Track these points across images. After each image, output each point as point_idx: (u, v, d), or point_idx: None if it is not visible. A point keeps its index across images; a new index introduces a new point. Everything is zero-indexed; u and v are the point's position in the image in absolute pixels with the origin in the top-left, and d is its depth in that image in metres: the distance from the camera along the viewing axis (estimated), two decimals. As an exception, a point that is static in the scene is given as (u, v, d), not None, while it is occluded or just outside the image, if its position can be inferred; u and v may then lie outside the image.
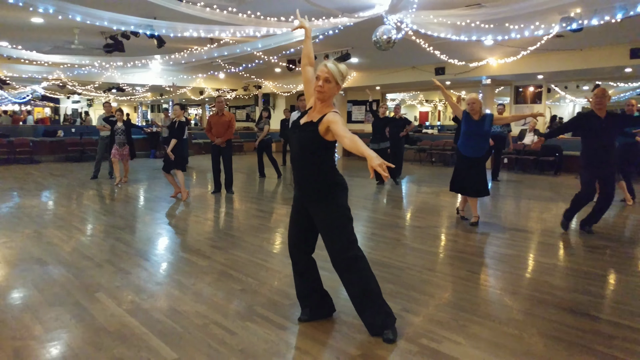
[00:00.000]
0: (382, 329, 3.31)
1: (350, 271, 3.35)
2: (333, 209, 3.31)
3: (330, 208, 3.31)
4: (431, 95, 27.93)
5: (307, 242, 3.52)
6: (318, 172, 3.30)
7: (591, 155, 6.12)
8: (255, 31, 8.21)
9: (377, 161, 2.69)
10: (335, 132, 3.11)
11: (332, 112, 3.21)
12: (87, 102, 31.59)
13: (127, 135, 10.98)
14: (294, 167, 3.42)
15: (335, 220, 3.30)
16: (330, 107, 3.28)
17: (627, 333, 3.43)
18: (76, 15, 6.95)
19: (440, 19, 7.77)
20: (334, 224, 3.31)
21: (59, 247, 5.65)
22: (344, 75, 3.28)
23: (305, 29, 3.66)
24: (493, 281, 4.64)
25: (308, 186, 3.34)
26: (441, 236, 6.52)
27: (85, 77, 16.90)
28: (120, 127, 10.89)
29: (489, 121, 6.71)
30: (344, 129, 3.09)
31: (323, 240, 3.39)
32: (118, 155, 10.86)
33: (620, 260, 5.31)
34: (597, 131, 6.00)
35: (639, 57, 11.30)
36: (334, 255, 3.35)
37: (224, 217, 7.84)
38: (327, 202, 3.31)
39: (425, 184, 11.75)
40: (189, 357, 3.05)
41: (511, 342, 3.28)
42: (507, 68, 13.69)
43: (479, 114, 6.71)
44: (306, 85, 3.54)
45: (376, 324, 3.34)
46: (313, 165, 3.30)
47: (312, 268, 3.59)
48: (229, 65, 14.85)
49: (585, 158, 6.22)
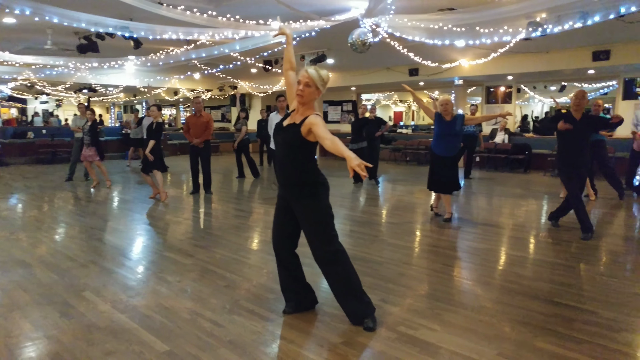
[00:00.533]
0: (363, 318, 3.51)
1: (332, 264, 3.54)
2: (316, 207, 3.51)
3: (313, 206, 3.51)
4: (405, 95, 28.30)
5: (290, 239, 3.70)
6: (302, 172, 3.50)
7: (564, 156, 6.27)
8: (233, 33, 8.34)
9: (356, 161, 2.88)
10: (316, 133, 3.30)
11: (313, 114, 3.40)
12: (56, 102, 30.99)
13: (91, 136, 10.70)
14: (278, 167, 3.61)
15: (318, 218, 3.51)
16: (311, 110, 3.48)
17: (586, 316, 3.71)
18: (53, 16, 6.97)
19: (414, 22, 8.02)
20: (317, 221, 3.51)
21: (41, 249, 5.71)
22: (324, 81, 3.48)
23: (287, 35, 3.85)
24: (466, 273, 4.89)
25: (292, 185, 3.52)
26: (416, 232, 6.77)
27: (56, 77, 16.67)
28: (86, 127, 10.75)
29: (460, 121, 6.99)
30: (324, 131, 3.28)
31: (305, 236, 3.57)
32: (82, 156, 10.76)
33: (583, 252, 5.62)
34: (573, 132, 6.07)
35: (601, 59, 11.80)
36: (316, 249, 3.54)
37: (204, 217, 7.95)
38: (310, 200, 3.50)
39: (400, 183, 12.04)
40: (180, 349, 3.20)
41: (483, 328, 3.52)
42: (478, 69, 14.10)
43: (451, 115, 6.98)
44: (288, 89, 3.72)
45: (357, 313, 3.54)
46: (297, 165, 3.50)
47: (296, 263, 3.77)
48: (206, 66, 14.89)
49: (560, 159, 6.39)
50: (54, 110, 31.58)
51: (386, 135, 16.25)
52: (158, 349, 3.20)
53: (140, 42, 9.91)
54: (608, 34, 10.50)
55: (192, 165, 9.82)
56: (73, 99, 26.50)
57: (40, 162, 16.40)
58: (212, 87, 22.39)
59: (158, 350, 3.19)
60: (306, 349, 3.21)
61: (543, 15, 7.85)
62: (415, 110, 31.02)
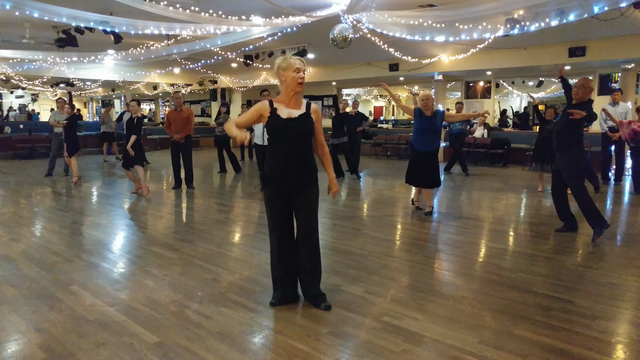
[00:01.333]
0: (324, 300, 3.79)
1: (311, 245, 3.76)
2: (317, 192, 3.75)
3: (315, 190, 3.74)
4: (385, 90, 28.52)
5: (292, 229, 3.86)
6: (312, 159, 3.72)
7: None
8: (215, 29, 8.34)
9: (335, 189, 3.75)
10: (318, 130, 3.71)
11: (310, 101, 3.70)
12: (32, 96, 30.43)
13: (65, 131, 10.59)
14: (289, 159, 3.59)
15: (316, 202, 3.75)
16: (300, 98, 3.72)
17: (562, 305, 3.86)
18: (33, 11, 6.89)
19: (394, 18, 8.13)
20: (315, 205, 3.74)
21: (25, 245, 5.68)
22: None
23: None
24: (447, 265, 5.02)
25: (305, 174, 3.66)
26: (398, 225, 6.89)
27: (33, 71, 16.40)
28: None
29: (440, 117, 7.13)
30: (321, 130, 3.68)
31: (304, 224, 3.72)
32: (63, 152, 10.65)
33: (560, 244, 5.79)
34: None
35: (577, 55, 12.08)
36: (307, 230, 3.74)
37: (187, 211, 7.96)
38: (315, 185, 3.73)
39: (381, 177, 12.18)
40: (169, 340, 3.26)
41: (464, 317, 3.64)
42: (457, 64, 14.29)
43: (431, 110, 7.10)
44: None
45: (321, 294, 3.82)
46: (310, 153, 3.70)
47: (296, 252, 3.86)
48: (186, 61, 14.81)
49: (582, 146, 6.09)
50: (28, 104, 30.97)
51: (367, 130, 16.37)
52: (148, 340, 3.25)
53: (121, 37, 9.83)
54: (584, 31, 10.74)
55: (173, 160, 9.80)
56: (49, 93, 26.08)
57: (18, 158, 16.15)
58: (192, 81, 22.23)
59: (148, 341, 3.24)
60: (294, 339, 3.29)
61: (521, 12, 8.03)
62: (395, 106, 31.26)
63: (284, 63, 3.61)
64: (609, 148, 10.56)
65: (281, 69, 3.62)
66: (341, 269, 4.76)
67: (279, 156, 3.62)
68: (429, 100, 7.09)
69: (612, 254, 5.41)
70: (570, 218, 6.24)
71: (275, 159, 3.63)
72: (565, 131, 5.91)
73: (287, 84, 3.61)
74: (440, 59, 14.30)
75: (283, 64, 3.61)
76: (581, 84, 5.88)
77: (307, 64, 4.06)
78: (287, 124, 3.59)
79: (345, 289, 4.20)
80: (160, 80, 21.18)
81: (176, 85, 21.91)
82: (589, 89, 5.91)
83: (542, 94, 23.04)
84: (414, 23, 8.15)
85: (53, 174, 11.52)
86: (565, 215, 6.26)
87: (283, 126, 3.59)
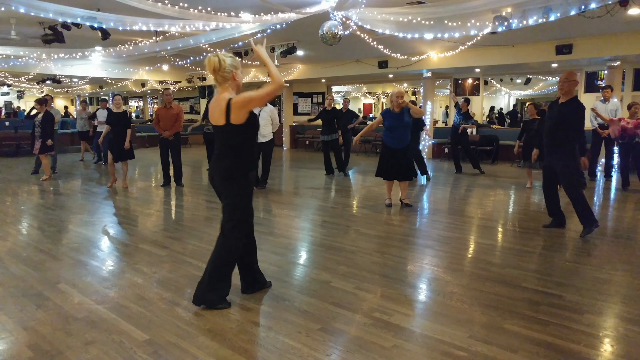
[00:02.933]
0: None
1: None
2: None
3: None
4: (374, 87, 28.53)
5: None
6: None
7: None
8: (204, 25, 8.29)
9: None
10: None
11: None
12: (17, 93, 30.05)
13: (42, 129, 10.34)
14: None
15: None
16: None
17: (551, 299, 3.90)
18: (20, 6, 6.80)
19: (384, 15, 8.13)
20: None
21: (11, 242, 5.62)
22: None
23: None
24: (437, 260, 5.04)
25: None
26: (388, 222, 6.90)
27: (19, 67, 16.19)
28: (38, 119, 10.43)
29: (407, 113, 7.28)
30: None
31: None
32: (34, 149, 10.47)
33: (548, 239, 5.84)
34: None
35: (564, 53, 12.16)
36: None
37: (176, 209, 7.92)
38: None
39: (370, 174, 12.13)
40: (159, 338, 3.24)
41: (454, 313, 3.66)
42: (446, 62, 14.33)
43: (400, 107, 7.24)
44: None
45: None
46: None
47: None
48: (175, 57, 14.71)
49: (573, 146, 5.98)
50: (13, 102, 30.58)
51: (357, 127, 16.37)
52: (138, 338, 3.23)
53: (109, 33, 9.72)
54: (570, 29, 10.82)
55: (162, 157, 9.74)
56: (36, 90, 25.77)
57: (3, 155, 15.95)
58: (180, 78, 22.11)
59: (138, 339, 3.22)
60: (285, 335, 3.29)
61: (508, 9, 8.06)
62: (384, 103, 31.31)
63: (236, 62, 3.64)
64: (598, 145, 10.65)
65: (235, 68, 3.62)
66: (331, 265, 4.76)
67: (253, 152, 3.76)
68: (399, 98, 7.23)
69: (600, 250, 5.46)
70: (559, 214, 6.29)
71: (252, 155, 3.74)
72: (558, 129, 5.90)
73: (238, 83, 3.67)
74: (429, 56, 14.34)
75: (235, 63, 3.63)
76: (565, 78, 5.89)
77: (297, 61, 4.12)
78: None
79: (335, 285, 4.20)
80: (149, 77, 21.03)
81: (165, 82, 21.77)
82: (573, 81, 5.89)
83: (530, 92, 23.20)
84: (403, 20, 8.16)
85: (39, 172, 11.38)
86: (555, 212, 6.31)
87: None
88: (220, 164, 3.66)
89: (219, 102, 3.56)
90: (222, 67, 3.54)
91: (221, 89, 3.61)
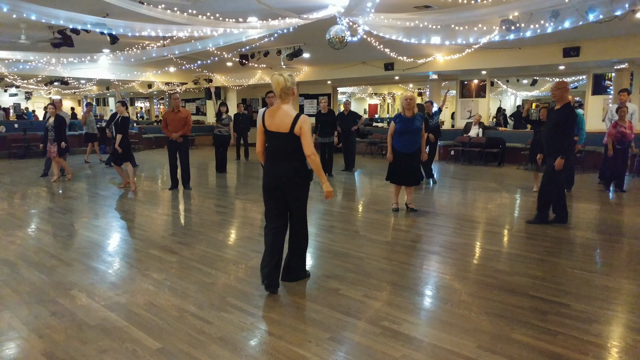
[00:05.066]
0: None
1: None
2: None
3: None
4: (380, 88, 28.52)
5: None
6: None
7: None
8: (212, 30, 8.35)
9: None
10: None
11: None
12: (25, 95, 30.23)
13: (56, 132, 10.56)
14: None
15: None
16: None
17: (559, 308, 3.92)
18: (31, 14, 6.87)
19: (390, 20, 8.15)
20: None
21: (24, 247, 5.69)
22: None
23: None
24: (444, 267, 5.07)
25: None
26: (395, 227, 6.93)
27: (28, 70, 16.33)
28: (51, 123, 10.60)
29: (419, 118, 7.26)
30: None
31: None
32: (49, 152, 10.70)
33: (556, 246, 5.86)
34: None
35: (571, 55, 12.16)
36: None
37: (185, 213, 7.98)
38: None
39: (376, 176, 12.20)
40: (172, 346, 3.29)
41: (461, 321, 3.69)
42: (452, 64, 14.36)
43: (412, 112, 7.22)
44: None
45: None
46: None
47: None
48: (183, 60, 14.79)
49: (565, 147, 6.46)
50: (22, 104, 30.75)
51: (362, 129, 16.42)
52: (150, 346, 3.28)
53: (117, 38, 9.80)
54: (578, 32, 10.79)
55: (170, 160, 9.80)
56: (43, 92, 25.95)
57: (13, 157, 16.08)
58: (187, 80, 22.20)
59: (150, 347, 3.27)
60: (295, 344, 3.33)
61: (516, 13, 8.07)
62: (390, 103, 31.30)
63: (294, 80, 4.15)
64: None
65: (294, 85, 4.14)
66: (340, 272, 4.80)
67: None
68: (412, 101, 7.22)
69: (607, 257, 5.47)
70: (562, 211, 6.62)
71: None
72: (553, 135, 6.43)
73: (296, 96, 4.01)
74: (436, 58, 14.37)
75: (294, 81, 4.14)
76: (555, 86, 6.49)
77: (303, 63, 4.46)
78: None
79: (344, 293, 4.24)
80: (155, 79, 21.14)
81: (171, 83, 21.86)
82: (564, 89, 6.44)
83: (537, 92, 23.14)
84: (410, 25, 8.18)
85: (49, 174, 11.47)
86: (559, 209, 6.61)
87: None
88: (287, 166, 4.15)
89: (286, 113, 4.07)
90: (287, 85, 4.06)
91: (282, 102, 4.12)
